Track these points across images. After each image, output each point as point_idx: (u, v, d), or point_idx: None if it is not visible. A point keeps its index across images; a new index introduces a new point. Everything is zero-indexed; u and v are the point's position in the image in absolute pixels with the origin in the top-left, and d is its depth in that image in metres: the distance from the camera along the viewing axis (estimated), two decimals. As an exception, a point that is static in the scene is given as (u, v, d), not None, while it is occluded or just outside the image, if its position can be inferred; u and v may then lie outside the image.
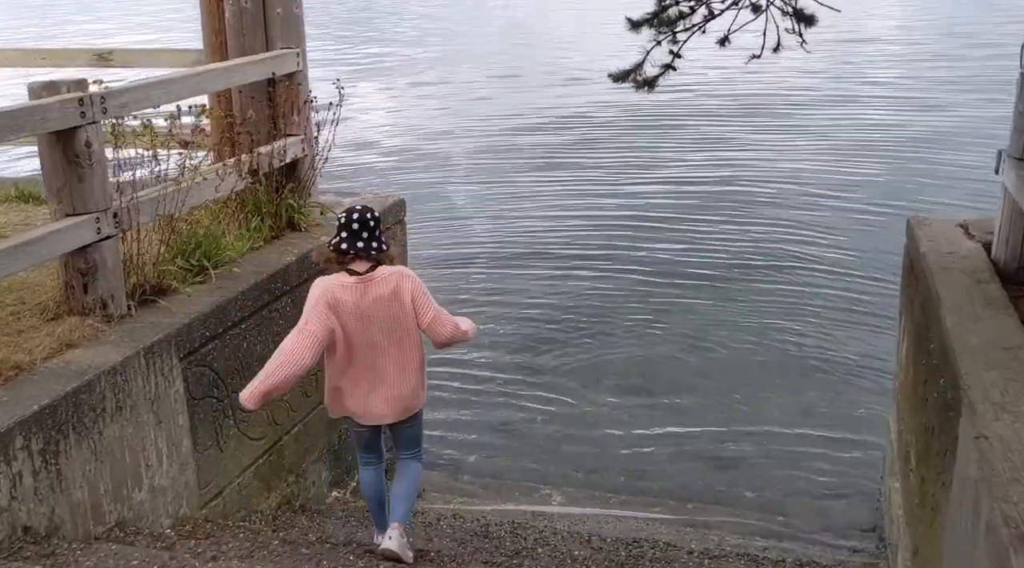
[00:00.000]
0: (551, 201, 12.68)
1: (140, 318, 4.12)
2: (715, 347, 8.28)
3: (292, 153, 5.38)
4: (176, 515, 4.14)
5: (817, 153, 14.32)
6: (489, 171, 14.48)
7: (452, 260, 10.47)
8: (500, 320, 8.89)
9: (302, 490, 5.26)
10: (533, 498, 5.87)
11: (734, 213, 11.73)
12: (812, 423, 6.89)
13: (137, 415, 3.83)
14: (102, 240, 3.99)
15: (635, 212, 11.96)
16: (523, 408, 7.23)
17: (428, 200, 12.68)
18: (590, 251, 10.71)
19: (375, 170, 14.42)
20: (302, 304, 5.01)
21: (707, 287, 9.56)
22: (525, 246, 10.99)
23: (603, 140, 16.01)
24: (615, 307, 9.22)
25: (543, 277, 9.99)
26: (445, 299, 9.21)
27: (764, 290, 9.44)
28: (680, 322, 8.80)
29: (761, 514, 5.67)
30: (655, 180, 13.35)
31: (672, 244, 10.80)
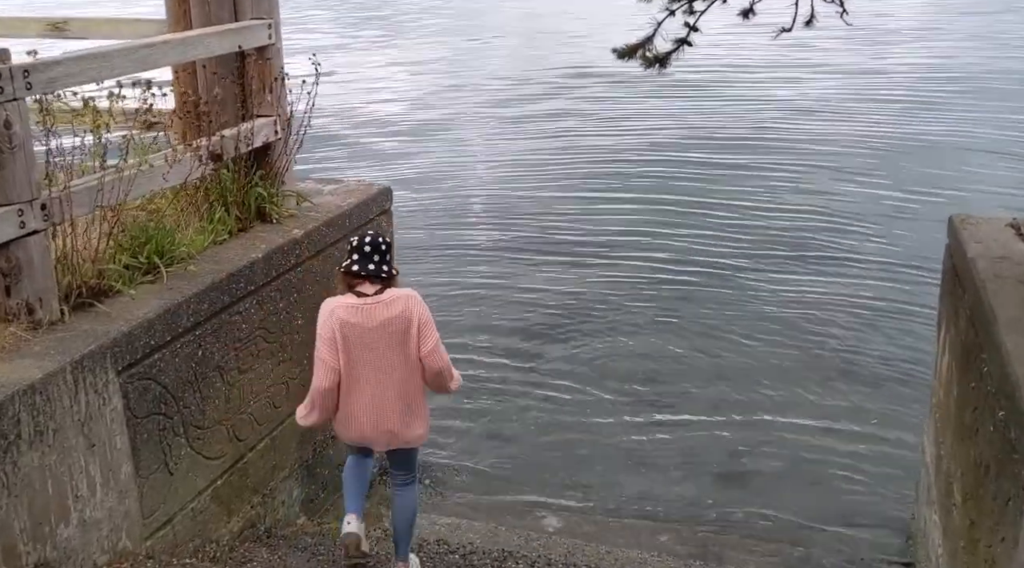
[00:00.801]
0: (557, 185, 12.09)
1: (73, 325, 3.59)
2: (731, 347, 7.71)
3: (263, 136, 4.82)
4: (114, 550, 3.62)
5: (847, 139, 13.65)
6: (490, 155, 13.89)
7: (449, 249, 9.91)
8: (499, 313, 8.34)
9: (269, 512, 4.74)
10: (526, 521, 5.34)
11: (756, 201, 11.11)
12: (836, 436, 6.34)
13: (62, 440, 3.30)
14: (27, 235, 3.45)
15: (649, 197, 11.36)
16: (520, 414, 6.70)
17: (425, 184, 12.12)
18: (599, 238, 10.12)
19: (370, 153, 13.83)
20: (269, 306, 4.54)
21: (724, 280, 8.98)
22: (528, 233, 10.41)
23: (616, 121, 15.39)
24: (624, 299, 8.65)
25: (546, 266, 9.41)
26: (441, 291, 8.85)
27: (787, 284, 8.84)
28: (693, 318, 8.23)
29: (777, 545, 5.12)
30: (672, 163, 12.73)
31: (688, 232, 10.20)
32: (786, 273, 9.16)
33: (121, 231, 4.07)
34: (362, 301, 3.81)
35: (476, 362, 7.43)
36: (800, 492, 5.75)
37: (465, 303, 8.65)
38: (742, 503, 5.58)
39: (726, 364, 7.44)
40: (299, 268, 4.73)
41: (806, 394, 6.93)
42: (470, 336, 7.91)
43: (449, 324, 8.09)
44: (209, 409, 4.15)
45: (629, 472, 5.97)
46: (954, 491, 4.07)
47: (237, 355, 4.31)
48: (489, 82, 18.79)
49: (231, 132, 4.57)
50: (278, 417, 4.72)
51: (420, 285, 8.74)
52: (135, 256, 4.02)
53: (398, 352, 3.81)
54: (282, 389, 4.71)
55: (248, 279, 4.33)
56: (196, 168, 4.20)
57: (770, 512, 5.52)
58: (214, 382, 4.17)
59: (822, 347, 7.67)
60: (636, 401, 6.88)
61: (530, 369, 7.37)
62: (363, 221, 5.29)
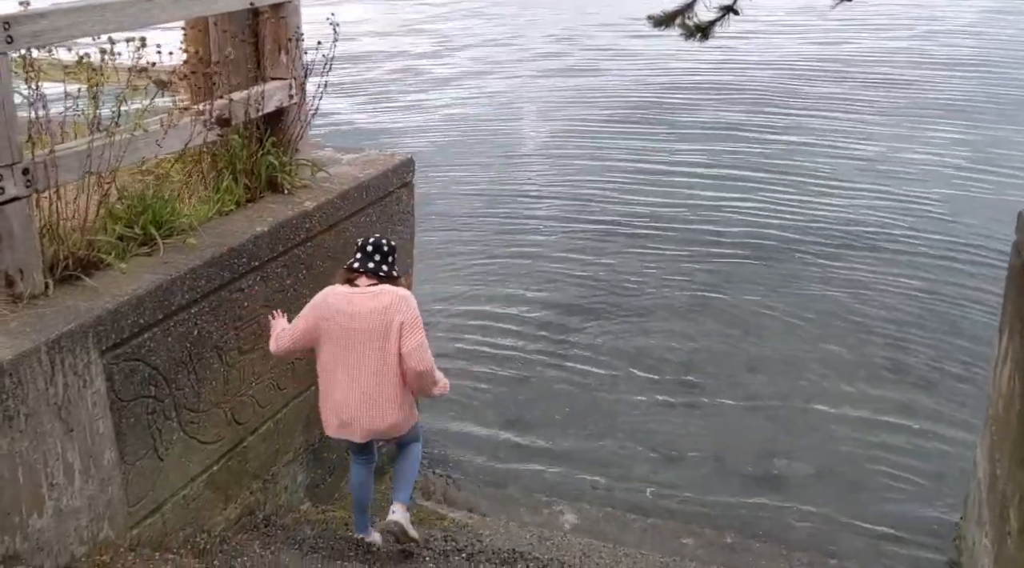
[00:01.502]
0: (593, 158, 11.66)
1: (55, 300, 3.34)
2: (772, 334, 7.32)
3: (276, 100, 4.52)
4: (95, 540, 3.40)
5: (914, 110, 12.98)
6: (521, 123, 13.47)
7: (474, 222, 9.57)
8: (525, 292, 8.01)
9: (271, 498, 4.51)
10: (542, 516, 5.06)
11: (803, 184, 10.61)
12: (881, 436, 5.95)
13: (36, 425, 3.07)
14: (6, 202, 3.20)
15: (690, 175, 10.91)
16: (544, 399, 6.41)
17: (448, 155, 11.75)
18: (634, 216, 9.72)
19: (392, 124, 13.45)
20: (275, 283, 4.27)
21: (766, 265, 8.55)
22: (559, 209, 10.04)
23: (656, 92, 14.84)
24: (662, 277, 8.28)
25: (578, 243, 9.04)
26: (464, 270, 8.53)
27: (837, 268, 8.39)
28: (735, 300, 7.84)
29: (809, 554, 4.78)
30: (717, 139, 12.21)
31: (731, 213, 9.76)
32: (837, 255, 8.70)
33: (117, 199, 3.82)
34: (352, 290, 3.89)
35: (500, 340, 7.15)
36: (837, 497, 5.39)
37: (492, 276, 8.35)
38: (774, 506, 5.24)
39: (766, 352, 7.06)
40: (309, 243, 4.45)
41: (850, 388, 6.54)
42: (495, 311, 7.63)
43: (475, 298, 7.82)
44: (205, 391, 3.90)
45: (656, 467, 5.66)
46: (1010, 517, 3.69)
47: (238, 335, 4.06)
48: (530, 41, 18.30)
49: (240, 95, 4.28)
50: (282, 399, 4.47)
51: (447, 256, 8.60)
52: (130, 226, 3.76)
53: (377, 345, 3.78)
54: (287, 370, 4.46)
55: (252, 254, 4.05)
56: (198, 133, 3.90)
57: (804, 518, 5.18)
58: (211, 363, 3.92)
59: (871, 337, 7.24)
60: (668, 389, 6.54)
61: (557, 351, 7.05)
62: (381, 194, 4.98)
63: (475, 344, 7.07)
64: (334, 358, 3.85)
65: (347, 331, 3.80)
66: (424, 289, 7.76)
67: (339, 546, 4.08)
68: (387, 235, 5.01)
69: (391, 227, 5.11)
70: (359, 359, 3.81)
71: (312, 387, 4.64)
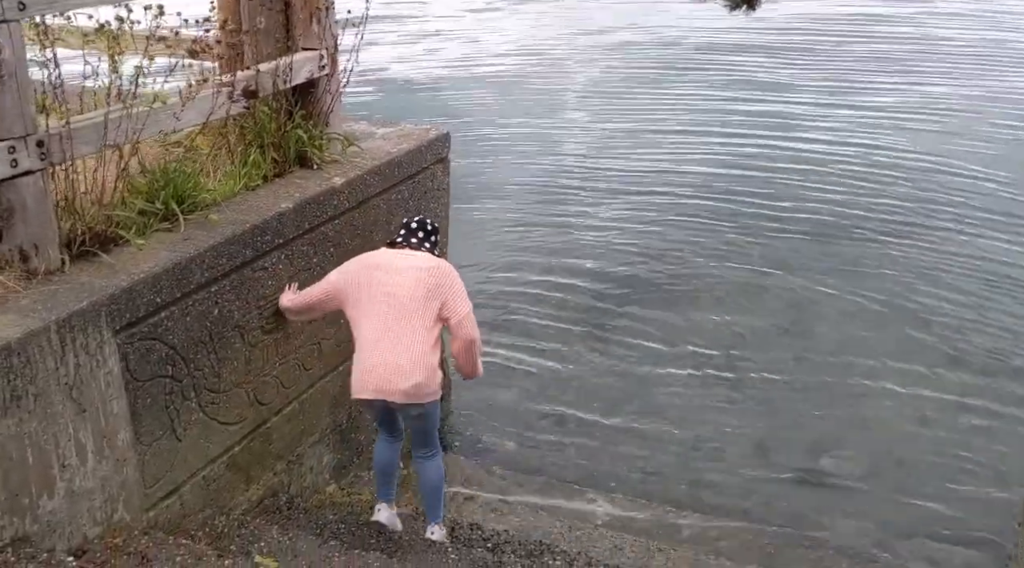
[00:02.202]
0: (639, 133, 11.32)
1: (70, 277, 3.26)
2: (822, 323, 7.00)
3: (306, 72, 4.37)
4: (109, 521, 3.34)
5: (968, 106, 12.37)
6: (565, 95, 13.13)
7: (514, 198, 9.35)
8: (565, 273, 7.79)
9: (295, 478, 4.43)
10: (574, 504, 4.90)
11: (867, 161, 10.16)
12: (936, 436, 5.65)
13: (46, 405, 3.00)
14: (20, 175, 3.11)
15: (742, 152, 10.53)
16: (582, 383, 6.22)
17: (489, 127, 11.49)
18: (685, 191, 9.40)
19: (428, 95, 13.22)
20: (300, 261, 4.15)
21: (823, 246, 8.20)
22: (603, 184, 9.74)
23: (706, 65, 14.37)
24: (708, 261, 7.98)
25: (622, 223, 8.77)
26: (504, 243, 8.32)
27: (894, 255, 8.00)
28: (784, 287, 7.53)
29: (852, 562, 4.54)
30: (771, 116, 11.78)
31: (784, 193, 9.38)
32: (899, 236, 8.31)
33: (140, 172, 3.72)
34: (395, 250, 3.90)
35: (539, 320, 6.97)
36: (886, 497, 5.12)
37: (532, 251, 8.16)
38: (817, 508, 5.00)
39: (818, 339, 6.76)
40: (337, 220, 4.31)
41: (906, 380, 6.22)
42: (536, 291, 7.44)
43: (514, 278, 7.64)
44: (226, 371, 3.81)
45: (695, 459, 5.44)
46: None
47: (261, 314, 3.95)
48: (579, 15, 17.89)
49: (268, 66, 4.14)
50: (308, 379, 4.37)
51: (488, 229, 8.44)
52: (151, 201, 3.66)
53: (416, 306, 3.69)
54: (313, 350, 4.35)
55: (276, 231, 3.93)
56: (221, 106, 3.78)
57: (849, 518, 4.93)
58: (232, 343, 3.82)
59: (931, 324, 6.89)
60: (712, 377, 6.30)
61: (597, 334, 6.85)
62: (415, 170, 4.82)
63: (512, 323, 6.90)
64: (367, 314, 3.72)
65: (385, 286, 3.71)
66: (461, 262, 7.61)
67: (360, 533, 3.98)
68: (421, 213, 4.88)
69: (424, 204, 4.95)
70: (391, 316, 3.67)
71: (339, 368, 4.55)
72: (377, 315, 3.70)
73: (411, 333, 3.67)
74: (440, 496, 4.16)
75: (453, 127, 5.57)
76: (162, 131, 3.52)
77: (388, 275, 3.74)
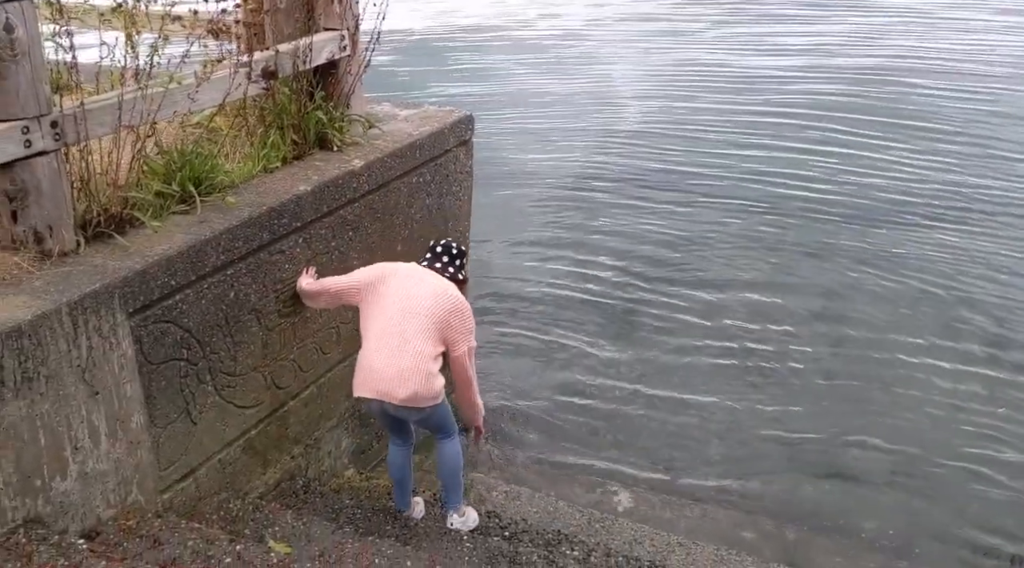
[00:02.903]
0: (672, 110, 11.15)
1: (84, 259, 3.24)
2: (856, 311, 6.85)
3: (327, 52, 4.32)
4: (123, 503, 3.34)
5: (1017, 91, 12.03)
6: (593, 74, 12.94)
7: (542, 182, 9.25)
8: (591, 256, 7.69)
9: (313, 462, 4.41)
10: (595, 494, 4.84)
11: (906, 145, 9.92)
12: (969, 430, 5.50)
13: (58, 387, 2.99)
14: (33, 156, 3.09)
15: (778, 134, 10.32)
16: (606, 371, 6.15)
17: (522, 108, 11.36)
18: (712, 178, 9.25)
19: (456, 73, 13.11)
20: (318, 245, 4.10)
21: (856, 233, 8.03)
22: (630, 170, 9.61)
23: (742, 41, 14.10)
24: (741, 247, 7.85)
25: (650, 208, 8.65)
26: (528, 227, 8.22)
27: (933, 242, 7.80)
28: (817, 275, 7.37)
29: (879, 557, 4.43)
30: (807, 95, 11.52)
31: (822, 176, 9.20)
32: (938, 224, 8.12)
33: (157, 153, 3.70)
34: (420, 268, 3.89)
35: (564, 309, 6.89)
36: (916, 493, 5.00)
37: (560, 235, 8.08)
38: (843, 503, 4.88)
39: (851, 330, 6.62)
40: (356, 203, 4.26)
41: (941, 372, 6.07)
42: (562, 274, 7.36)
43: (540, 266, 7.56)
44: (242, 355, 3.78)
45: (719, 451, 5.35)
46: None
47: (278, 297, 3.92)
48: None
49: (287, 47, 4.09)
50: (326, 363, 4.34)
51: (515, 215, 8.35)
52: (168, 182, 3.63)
53: (423, 320, 3.66)
54: (331, 334, 4.32)
55: (294, 214, 3.89)
56: (238, 86, 3.73)
57: (877, 515, 4.81)
58: (249, 326, 3.79)
59: (970, 314, 6.72)
60: (740, 367, 6.19)
61: (625, 318, 6.76)
62: (437, 153, 4.75)
63: (537, 312, 6.83)
64: (378, 316, 3.71)
65: (401, 295, 3.70)
66: (487, 249, 7.57)
67: (376, 519, 3.96)
68: (443, 195, 4.82)
69: (446, 187, 4.89)
70: (400, 323, 3.65)
71: (357, 353, 4.50)
72: (387, 319, 3.69)
73: (415, 342, 3.65)
74: (457, 480, 4.10)
75: (479, 106, 5.50)
76: (177, 112, 3.47)
77: (408, 286, 3.75)
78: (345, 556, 3.29)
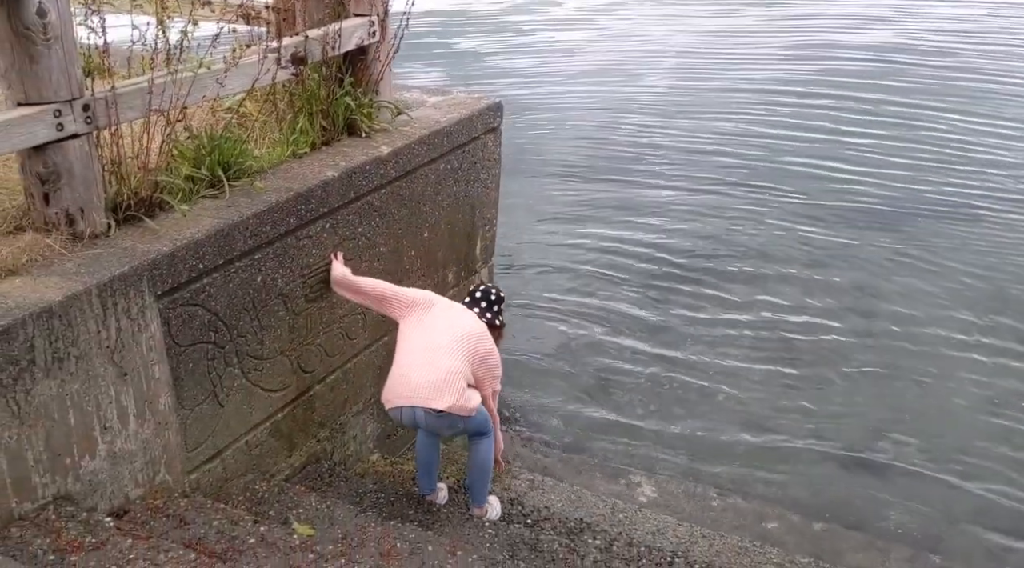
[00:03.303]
0: (710, 97, 11.05)
1: (114, 242, 3.28)
2: (888, 306, 6.77)
3: (356, 38, 4.32)
4: (151, 483, 3.39)
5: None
6: (627, 59, 12.85)
7: (571, 170, 9.22)
8: (622, 245, 7.67)
9: (338, 447, 4.45)
10: (618, 484, 4.82)
11: (944, 142, 9.75)
12: (998, 427, 5.40)
13: (87, 368, 3.04)
14: (66, 139, 3.13)
15: (817, 125, 10.19)
16: (634, 361, 6.13)
17: (555, 95, 11.32)
18: (749, 166, 9.17)
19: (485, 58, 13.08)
20: (345, 230, 4.12)
21: (893, 225, 7.92)
22: (668, 150, 9.55)
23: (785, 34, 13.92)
24: (773, 240, 7.78)
25: (685, 192, 8.60)
26: (561, 213, 8.20)
27: (968, 239, 7.68)
28: (850, 268, 7.30)
29: (910, 550, 4.37)
30: (849, 83, 11.35)
31: (860, 167, 9.07)
32: (975, 220, 7.98)
33: (187, 138, 3.73)
34: (458, 304, 4.01)
35: (591, 297, 6.89)
36: (948, 488, 4.94)
37: (592, 221, 8.05)
38: (873, 494, 4.84)
39: (883, 322, 6.54)
40: (383, 190, 4.27)
41: (974, 366, 5.99)
42: (591, 268, 7.33)
43: (570, 256, 7.54)
44: (269, 339, 3.82)
45: (745, 442, 5.32)
46: None
47: (305, 282, 3.94)
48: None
49: (316, 32, 4.10)
50: (352, 349, 4.37)
51: (547, 196, 8.33)
52: (197, 167, 3.66)
53: (462, 349, 3.75)
54: (358, 319, 4.34)
55: (321, 200, 3.91)
56: (267, 72, 3.75)
57: (907, 509, 4.77)
58: (276, 311, 3.82)
59: (1004, 312, 6.61)
60: (769, 357, 6.14)
61: (654, 306, 6.74)
62: (465, 140, 4.75)
63: (564, 299, 6.83)
64: (414, 337, 3.80)
65: (442, 319, 3.82)
66: (515, 237, 7.57)
67: (399, 504, 3.98)
68: (471, 183, 4.82)
69: (474, 174, 4.88)
70: (438, 340, 3.74)
71: (383, 339, 4.54)
72: (426, 339, 3.77)
73: (451, 362, 3.71)
74: (484, 480, 4.06)
75: (513, 87, 5.48)
76: (207, 97, 3.49)
77: (450, 316, 3.86)
78: (367, 539, 3.31)
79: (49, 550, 2.65)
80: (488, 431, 3.97)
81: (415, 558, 3.25)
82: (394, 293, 3.93)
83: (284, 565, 2.98)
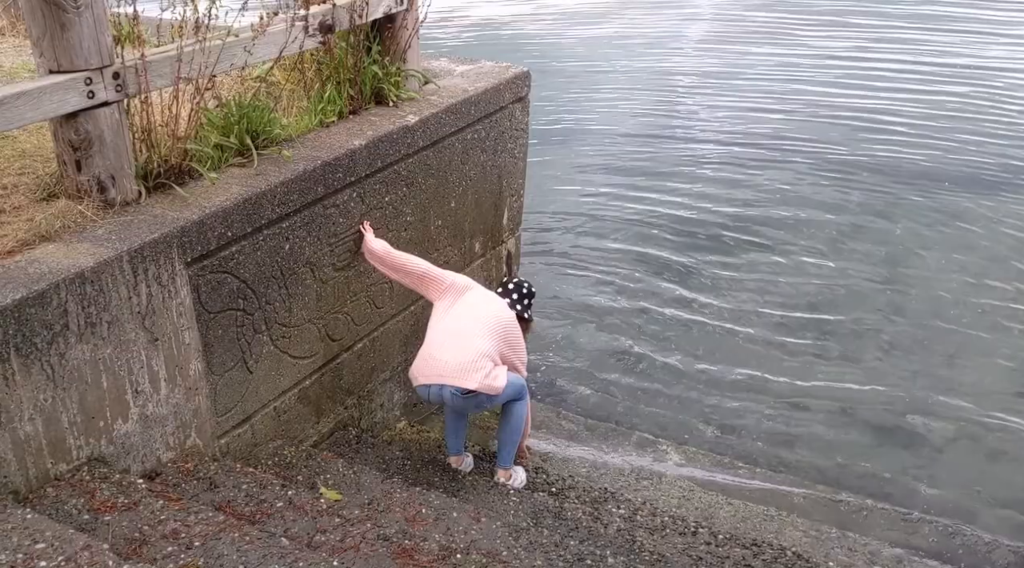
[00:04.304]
0: (739, 75, 10.90)
1: (145, 209, 3.32)
2: (918, 279, 6.69)
3: (384, 6, 4.30)
4: (181, 447, 3.46)
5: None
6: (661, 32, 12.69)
7: (600, 138, 9.16)
8: (650, 218, 7.63)
9: (366, 414, 4.50)
10: (645, 453, 4.84)
11: (980, 111, 9.55)
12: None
13: (119, 333, 3.09)
14: (97, 106, 3.16)
15: (846, 100, 10.02)
16: (663, 332, 6.11)
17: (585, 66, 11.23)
18: (783, 137, 9.06)
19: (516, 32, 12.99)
20: (372, 200, 4.14)
21: (924, 200, 7.81)
22: (697, 126, 9.46)
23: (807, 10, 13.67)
24: (803, 210, 7.71)
25: (713, 166, 8.52)
26: (588, 186, 8.17)
27: (1002, 213, 7.55)
28: (881, 241, 7.21)
29: (934, 523, 4.34)
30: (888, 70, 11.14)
31: (892, 141, 8.93)
32: (1011, 192, 7.80)
33: (216, 106, 3.75)
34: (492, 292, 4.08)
35: (620, 267, 6.86)
36: (976, 464, 4.89)
37: (620, 195, 8.01)
38: (901, 468, 4.81)
39: (914, 297, 6.46)
40: (410, 159, 4.27)
41: (1004, 345, 5.89)
42: (619, 238, 7.30)
43: (598, 228, 7.51)
44: (297, 307, 3.86)
45: (774, 414, 5.29)
46: None
47: (332, 251, 3.97)
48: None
49: (345, 0, 4.08)
50: (379, 318, 4.40)
51: (575, 170, 8.30)
52: (226, 135, 3.69)
53: (495, 331, 3.83)
54: (384, 288, 4.37)
55: (348, 169, 3.92)
56: (294, 40, 3.75)
57: (934, 484, 4.73)
58: (304, 279, 3.85)
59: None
60: (796, 332, 6.10)
61: (683, 279, 6.71)
62: (493, 109, 4.73)
63: (593, 270, 6.82)
64: (446, 318, 3.86)
65: (482, 308, 3.87)
66: (544, 207, 7.55)
67: (425, 471, 4.02)
68: (498, 153, 4.80)
69: (501, 144, 4.87)
70: (471, 327, 3.80)
71: (410, 307, 4.57)
72: (458, 321, 3.84)
73: (481, 343, 3.78)
74: (513, 440, 4.10)
75: (542, 62, 5.45)
76: (234, 65, 3.51)
77: (483, 301, 3.94)
78: (393, 505, 3.36)
79: (84, 510, 2.72)
80: (522, 397, 4.01)
81: (440, 524, 3.29)
82: (435, 275, 4.00)
83: (311, 528, 3.03)
